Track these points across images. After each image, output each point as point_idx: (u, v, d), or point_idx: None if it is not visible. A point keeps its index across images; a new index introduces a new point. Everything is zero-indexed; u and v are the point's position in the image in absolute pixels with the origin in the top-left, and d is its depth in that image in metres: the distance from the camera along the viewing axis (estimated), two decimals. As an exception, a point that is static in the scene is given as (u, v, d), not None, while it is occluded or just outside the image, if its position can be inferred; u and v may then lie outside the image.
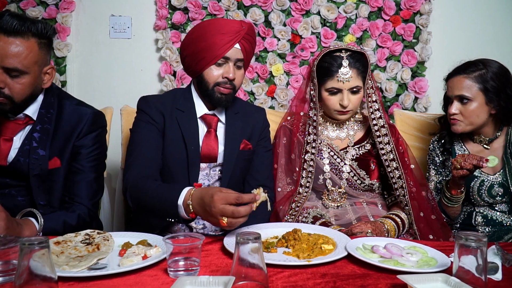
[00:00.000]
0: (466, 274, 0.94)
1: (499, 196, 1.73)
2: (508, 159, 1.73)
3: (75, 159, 1.56)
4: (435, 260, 1.11)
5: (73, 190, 1.54)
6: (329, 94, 1.69)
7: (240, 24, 1.56)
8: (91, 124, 1.58)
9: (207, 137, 1.62)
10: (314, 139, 1.74)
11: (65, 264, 1.09)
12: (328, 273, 1.04)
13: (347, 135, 1.80)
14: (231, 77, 1.55)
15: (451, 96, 1.75)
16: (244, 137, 1.67)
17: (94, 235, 1.30)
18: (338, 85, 1.66)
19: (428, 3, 2.56)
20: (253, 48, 1.64)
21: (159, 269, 1.09)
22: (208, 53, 1.53)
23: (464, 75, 1.72)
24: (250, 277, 0.94)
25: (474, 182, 1.75)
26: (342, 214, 1.73)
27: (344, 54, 1.66)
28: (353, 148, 1.77)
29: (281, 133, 1.84)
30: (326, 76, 1.67)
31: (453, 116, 1.74)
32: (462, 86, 1.71)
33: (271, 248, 1.21)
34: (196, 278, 0.94)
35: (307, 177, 1.73)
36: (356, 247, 1.17)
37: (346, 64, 1.64)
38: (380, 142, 1.71)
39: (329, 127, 1.81)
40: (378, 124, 1.72)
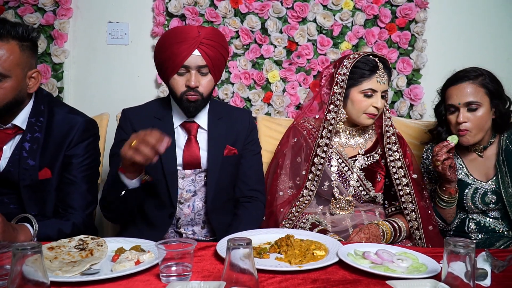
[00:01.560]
0: (455, 280, 0.94)
1: (492, 203, 1.74)
2: (501, 166, 1.74)
3: (66, 169, 1.53)
4: (425, 266, 1.12)
5: (66, 201, 1.53)
6: (363, 96, 1.70)
7: (196, 30, 1.53)
8: (83, 133, 1.55)
9: (188, 144, 1.64)
10: (326, 143, 1.73)
11: (58, 269, 1.10)
12: (319, 279, 1.05)
13: (358, 143, 1.81)
14: (193, 85, 1.53)
15: (457, 105, 1.69)
16: (228, 142, 1.68)
17: (88, 240, 1.31)
18: (375, 86, 1.67)
19: (424, 11, 2.59)
20: (220, 52, 1.58)
21: (152, 274, 1.09)
22: (169, 63, 1.53)
23: (469, 81, 1.69)
24: (241, 282, 0.95)
25: (468, 190, 1.77)
26: (339, 221, 1.74)
27: (375, 58, 1.70)
28: (363, 158, 1.78)
29: (291, 133, 1.84)
30: (362, 77, 1.68)
31: (463, 127, 1.67)
32: (469, 92, 1.68)
33: (264, 254, 1.22)
34: (188, 283, 0.95)
35: (313, 180, 1.73)
36: (348, 253, 1.18)
37: (381, 66, 1.68)
38: (389, 149, 1.74)
39: (342, 134, 1.81)
40: (389, 131, 1.75)
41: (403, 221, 1.68)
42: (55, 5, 2.51)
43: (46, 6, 2.49)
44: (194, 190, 1.66)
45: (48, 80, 2.51)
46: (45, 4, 2.48)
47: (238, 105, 2.56)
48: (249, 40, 2.56)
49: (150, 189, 1.64)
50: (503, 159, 1.74)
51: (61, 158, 1.52)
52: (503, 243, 1.68)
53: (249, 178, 1.73)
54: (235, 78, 2.58)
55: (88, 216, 1.57)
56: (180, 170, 1.64)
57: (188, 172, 1.64)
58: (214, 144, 1.65)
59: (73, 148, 1.54)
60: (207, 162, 1.64)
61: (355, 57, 1.70)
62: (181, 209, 1.65)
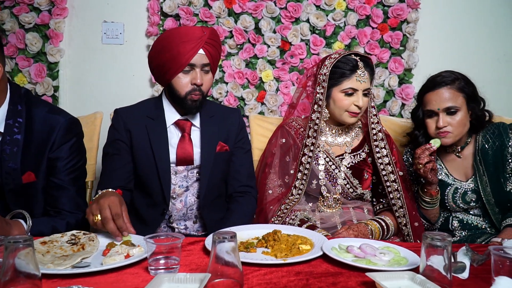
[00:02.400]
0: (432, 272, 0.98)
1: (472, 202, 1.78)
2: (478, 166, 1.77)
3: (52, 173, 1.50)
4: (406, 260, 1.15)
5: (57, 205, 1.52)
6: (344, 95, 1.73)
7: (201, 30, 1.60)
8: (65, 133, 1.52)
9: (181, 141, 1.68)
10: (313, 143, 1.77)
11: (50, 263, 1.13)
12: (302, 271, 1.09)
13: (345, 141, 1.84)
14: (199, 83, 1.60)
15: (437, 110, 1.71)
16: (220, 139, 1.73)
17: (80, 235, 1.34)
18: (355, 85, 1.70)
19: (415, 12, 2.62)
20: (218, 52, 1.68)
21: (141, 267, 1.13)
22: (174, 62, 1.58)
23: (446, 86, 1.71)
24: (226, 274, 0.98)
25: (449, 190, 1.81)
26: (328, 218, 1.77)
27: (356, 57, 1.72)
28: (349, 156, 1.82)
29: (279, 133, 1.88)
30: (342, 77, 1.71)
31: (444, 129, 1.70)
32: (448, 97, 1.70)
33: (251, 248, 1.25)
34: (174, 275, 0.98)
35: (301, 180, 1.76)
36: (332, 247, 1.21)
37: (362, 65, 1.71)
38: (376, 146, 1.76)
39: (328, 132, 1.85)
40: (375, 128, 1.78)
41: (391, 218, 1.71)
42: (51, 5, 2.53)
43: (42, 6, 2.51)
44: (186, 186, 1.69)
45: (44, 79, 2.53)
46: (40, 3, 2.50)
47: (232, 104, 2.59)
48: (243, 40, 2.59)
49: (143, 186, 1.67)
50: (480, 159, 1.77)
51: (45, 161, 1.49)
52: (484, 239, 1.72)
53: (240, 175, 1.77)
54: (229, 78, 2.61)
55: (82, 219, 1.54)
56: (173, 167, 1.68)
57: (180, 168, 1.68)
58: (207, 141, 1.69)
59: (56, 150, 1.50)
60: (200, 159, 1.69)
61: (336, 57, 1.74)
62: (174, 204, 1.69)
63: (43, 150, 1.48)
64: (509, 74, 2.71)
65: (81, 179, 1.62)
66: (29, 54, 2.53)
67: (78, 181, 1.58)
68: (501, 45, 2.70)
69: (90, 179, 2.04)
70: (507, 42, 2.70)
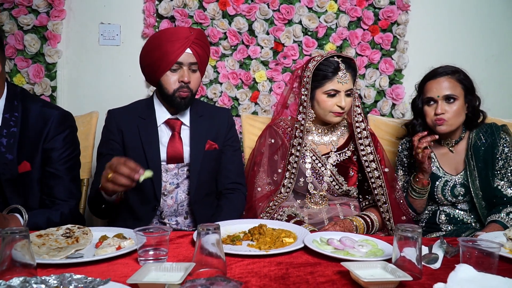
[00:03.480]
0: (404, 262, 1.04)
1: (461, 195, 1.84)
2: (469, 161, 1.85)
3: (48, 163, 1.58)
4: (383, 251, 1.21)
5: (52, 194, 1.60)
6: (327, 97, 1.79)
7: (188, 30, 1.67)
8: (58, 125, 1.60)
9: (171, 140, 1.75)
10: (299, 143, 1.83)
11: (45, 254, 1.19)
12: (283, 262, 1.15)
13: (331, 140, 1.90)
14: (186, 80, 1.67)
15: (436, 97, 1.79)
16: (209, 138, 1.79)
17: (75, 229, 1.40)
18: (337, 86, 1.76)
19: (405, 14, 2.68)
20: (206, 52, 1.74)
21: (131, 258, 1.19)
22: (162, 61, 1.65)
23: (447, 76, 1.81)
24: (210, 264, 1.04)
25: (439, 182, 1.87)
26: (315, 214, 1.83)
27: (338, 59, 1.78)
28: (335, 154, 1.87)
29: (267, 133, 1.93)
30: (324, 79, 1.77)
31: (441, 116, 1.78)
32: (448, 86, 1.79)
33: (237, 241, 1.31)
34: (161, 264, 1.04)
35: (289, 178, 1.83)
36: (313, 240, 1.27)
37: (343, 67, 1.76)
38: (361, 144, 1.81)
39: (314, 132, 1.91)
40: (360, 127, 1.83)
41: (375, 214, 1.77)
42: (49, 7, 2.59)
43: (40, 8, 2.57)
44: (177, 183, 1.75)
45: (42, 80, 2.58)
46: (38, 5, 2.56)
47: (226, 104, 2.65)
48: (237, 41, 2.64)
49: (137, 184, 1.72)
50: (471, 154, 1.85)
51: (40, 151, 1.57)
52: (469, 233, 1.79)
53: (230, 172, 1.84)
54: (223, 78, 2.67)
55: (75, 206, 1.64)
56: (164, 165, 1.74)
57: (171, 166, 1.74)
58: (196, 139, 1.75)
59: (50, 141, 1.59)
60: (190, 157, 1.74)
61: (318, 60, 1.79)
62: (165, 200, 1.74)
63: (38, 141, 1.57)
64: (497, 74, 2.77)
65: (75, 169, 1.69)
66: (28, 55, 2.59)
67: (73, 170, 1.66)
68: (489, 46, 2.76)
69: (86, 177, 2.10)
70: (495, 43, 2.76)
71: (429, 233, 1.90)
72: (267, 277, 1.04)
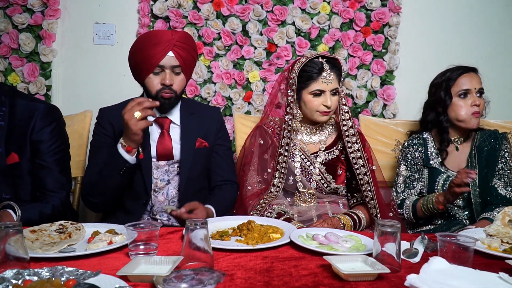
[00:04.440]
0: (384, 256, 1.08)
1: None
2: (472, 159, 1.92)
3: (37, 156, 1.64)
4: (365, 246, 1.26)
5: (42, 185, 1.64)
6: (313, 96, 1.82)
7: (170, 34, 1.70)
8: (44, 118, 1.65)
9: (161, 137, 1.79)
10: (287, 143, 1.87)
11: (38, 248, 1.22)
12: (269, 256, 1.19)
13: (319, 140, 1.94)
14: (168, 83, 1.69)
15: (473, 89, 1.89)
16: (199, 136, 1.83)
17: (68, 225, 1.43)
18: (322, 86, 1.80)
19: (397, 16, 2.72)
20: (191, 54, 1.75)
21: (122, 253, 1.22)
22: (144, 64, 1.69)
23: (475, 72, 1.95)
24: (198, 258, 1.08)
25: (441, 177, 1.93)
26: (304, 211, 1.87)
27: (323, 60, 1.82)
28: (324, 153, 1.91)
29: (258, 133, 1.97)
30: (309, 80, 1.81)
31: (477, 109, 1.87)
32: (479, 81, 1.92)
33: (225, 236, 1.35)
34: (150, 257, 1.08)
35: (279, 177, 1.87)
36: (299, 235, 1.31)
37: (327, 67, 1.80)
38: (348, 141, 1.85)
39: (303, 132, 1.95)
40: (347, 125, 1.86)
41: (363, 212, 1.81)
42: (44, 6, 2.61)
43: (35, 7, 2.59)
44: (168, 179, 1.79)
45: (37, 79, 2.60)
46: (33, 4, 2.58)
47: (220, 104, 2.69)
48: (231, 42, 2.68)
49: None
50: (475, 154, 1.93)
51: (28, 144, 1.62)
52: (457, 228, 1.83)
53: (222, 170, 1.89)
54: (217, 78, 2.70)
55: (66, 197, 1.68)
56: (154, 162, 1.78)
57: (161, 163, 1.78)
58: (186, 137, 1.79)
59: (38, 133, 1.63)
60: (180, 154, 1.79)
61: (303, 61, 1.83)
62: (156, 196, 1.79)
63: (25, 133, 1.62)
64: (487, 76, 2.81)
65: (64, 161, 1.73)
66: (22, 54, 2.61)
67: (62, 162, 1.71)
68: (479, 48, 2.80)
69: (79, 175, 2.14)
70: (485, 45, 2.81)
71: (419, 226, 1.95)
72: (252, 270, 1.08)
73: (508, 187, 1.88)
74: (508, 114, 2.56)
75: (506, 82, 2.82)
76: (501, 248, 1.28)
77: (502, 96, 2.72)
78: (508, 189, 1.88)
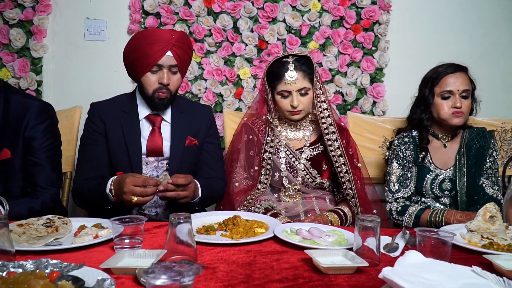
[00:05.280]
0: (364, 250, 1.10)
1: (447, 190, 1.91)
2: (460, 157, 1.92)
3: (29, 152, 1.65)
4: (347, 241, 1.28)
5: (33, 181, 1.65)
6: (281, 97, 1.84)
7: (169, 34, 1.71)
8: (38, 115, 1.66)
9: (151, 134, 1.80)
10: (272, 140, 1.89)
11: (25, 242, 1.24)
12: (252, 250, 1.21)
13: (304, 135, 1.95)
14: (165, 83, 1.72)
15: (456, 91, 1.86)
16: (190, 134, 1.85)
17: (55, 219, 1.44)
18: (286, 87, 1.81)
19: (387, 14, 2.75)
20: (188, 54, 1.78)
21: (108, 246, 1.24)
22: (142, 62, 1.70)
23: (464, 72, 1.91)
24: (181, 252, 1.10)
25: (429, 175, 1.93)
26: (291, 207, 1.89)
27: (291, 59, 1.82)
28: (308, 149, 1.93)
29: (243, 130, 1.98)
30: (276, 80, 1.83)
31: (460, 110, 1.85)
32: (465, 82, 1.88)
33: (210, 231, 1.36)
34: (134, 251, 1.10)
35: (265, 174, 1.89)
36: (283, 230, 1.33)
37: (292, 68, 1.80)
38: (328, 139, 1.86)
39: (287, 128, 1.97)
40: (326, 122, 1.87)
41: (348, 207, 1.83)
42: (35, 1, 2.61)
43: (26, 2, 2.58)
44: (157, 175, 1.81)
45: (27, 74, 2.60)
46: (24, 0, 2.57)
47: (211, 100, 2.70)
48: (222, 38, 2.69)
49: None
50: (464, 152, 1.93)
51: (21, 139, 1.63)
52: (441, 225, 1.85)
53: (210, 168, 1.91)
54: (208, 75, 2.71)
55: (56, 194, 1.70)
56: (144, 158, 1.80)
57: (151, 159, 1.80)
58: (177, 135, 1.81)
59: (31, 131, 1.64)
60: (170, 151, 1.80)
61: (270, 62, 1.86)
62: None
63: (19, 129, 1.63)
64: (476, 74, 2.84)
65: (56, 159, 1.74)
66: (13, 49, 2.61)
67: (54, 160, 1.72)
68: (468, 47, 2.84)
69: (69, 170, 2.15)
70: (473, 44, 2.84)
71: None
72: (235, 264, 1.10)
73: (495, 186, 1.89)
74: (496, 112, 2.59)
75: (495, 81, 2.85)
76: (480, 243, 1.31)
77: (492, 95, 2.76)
78: (495, 188, 1.88)
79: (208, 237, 1.31)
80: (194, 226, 1.36)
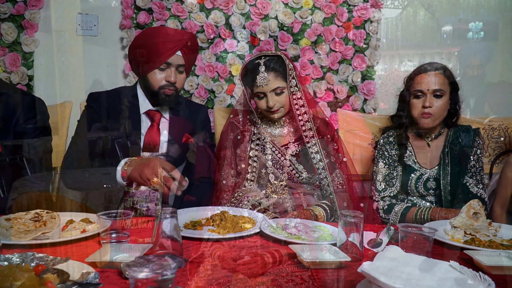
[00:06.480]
0: (347, 245, 1.12)
1: (432, 189, 1.92)
2: (445, 156, 1.93)
3: (20, 147, 1.66)
4: (332, 236, 1.30)
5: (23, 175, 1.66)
6: (257, 99, 1.87)
7: (182, 34, 1.75)
8: (29, 110, 1.68)
9: (150, 129, 1.83)
10: (258, 138, 1.92)
11: (12, 236, 1.24)
12: (238, 245, 1.23)
13: (288, 132, 1.97)
14: (173, 81, 1.75)
15: (426, 91, 1.85)
16: (186, 131, 1.87)
17: (43, 214, 1.45)
18: (260, 89, 1.82)
19: (378, 12, 2.76)
20: (195, 55, 1.83)
21: (95, 241, 1.25)
22: (151, 58, 1.72)
23: (437, 71, 1.87)
24: (167, 246, 1.11)
25: (414, 175, 1.95)
26: (279, 203, 1.91)
27: (262, 60, 1.82)
28: (294, 145, 1.95)
29: (229, 128, 1.99)
30: (251, 83, 1.85)
31: (428, 110, 1.84)
32: (437, 81, 1.85)
33: (198, 226, 1.38)
34: (120, 245, 1.11)
35: (252, 172, 1.90)
36: (269, 226, 1.35)
37: (263, 69, 1.80)
38: (306, 136, 1.87)
39: (272, 125, 1.97)
40: (303, 119, 1.87)
41: None
42: (26, -4, 2.60)
43: (17, -4, 2.58)
44: None
45: (19, 69, 2.60)
46: (16, -6, 2.57)
47: (203, 96, 2.71)
48: (214, 35, 2.70)
49: None
50: (448, 151, 1.93)
51: (11, 134, 1.65)
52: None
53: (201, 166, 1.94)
54: (200, 71, 2.72)
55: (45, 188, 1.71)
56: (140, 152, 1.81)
57: (146, 154, 1.82)
58: (174, 132, 1.85)
59: (22, 125, 1.67)
60: (167, 147, 1.83)
61: (244, 64, 1.87)
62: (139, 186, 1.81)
63: (9, 125, 1.65)
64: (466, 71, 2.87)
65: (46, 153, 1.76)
66: (4, 44, 2.60)
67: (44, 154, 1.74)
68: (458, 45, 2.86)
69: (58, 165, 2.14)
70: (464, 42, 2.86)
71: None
72: (220, 258, 1.12)
73: (479, 185, 1.89)
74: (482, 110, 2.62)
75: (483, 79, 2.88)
76: (463, 239, 1.34)
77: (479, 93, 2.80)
78: (479, 186, 1.88)
79: (194, 232, 1.33)
80: (182, 221, 1.38)
